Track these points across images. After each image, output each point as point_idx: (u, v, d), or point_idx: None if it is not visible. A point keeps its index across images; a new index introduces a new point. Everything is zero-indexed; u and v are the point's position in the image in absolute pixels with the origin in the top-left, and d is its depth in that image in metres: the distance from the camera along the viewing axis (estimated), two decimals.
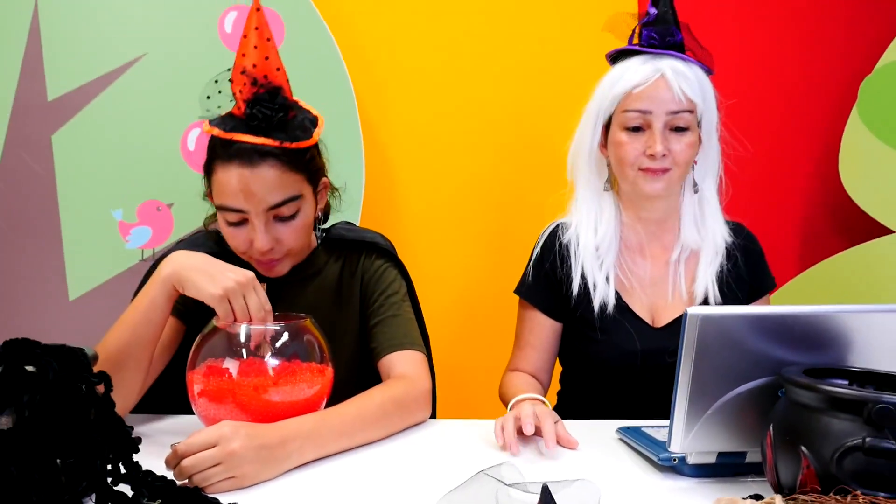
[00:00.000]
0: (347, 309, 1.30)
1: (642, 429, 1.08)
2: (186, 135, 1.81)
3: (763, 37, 1.99)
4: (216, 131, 1.14)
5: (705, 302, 1.31)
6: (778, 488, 0.77)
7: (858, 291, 1.89)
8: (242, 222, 1.15)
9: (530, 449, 1.05)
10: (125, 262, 1.83)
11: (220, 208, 1.16)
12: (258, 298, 1.05)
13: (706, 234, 1.35)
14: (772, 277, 1.40)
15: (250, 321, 1.04)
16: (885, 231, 1.88)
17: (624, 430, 1.09)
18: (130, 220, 1.83)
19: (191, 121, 1.81)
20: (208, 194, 1.21)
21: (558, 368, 1.45)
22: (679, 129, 1.25)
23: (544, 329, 1.37)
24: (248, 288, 1.04)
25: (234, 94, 1.15)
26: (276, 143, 1.12)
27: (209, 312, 1.09)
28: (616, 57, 1.32)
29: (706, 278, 1.32)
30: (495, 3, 1.95)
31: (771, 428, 0.79)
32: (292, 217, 1.17)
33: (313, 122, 1.19)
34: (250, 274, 1.06)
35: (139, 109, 1.80)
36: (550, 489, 0.55)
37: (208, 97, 1.78)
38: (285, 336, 1.07)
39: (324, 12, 1.83)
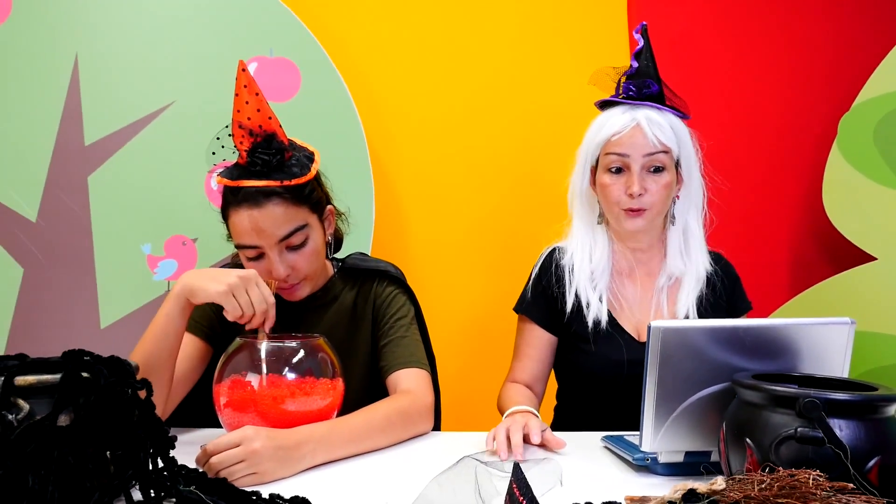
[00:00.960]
0: (360, 330, 1.42)
1: (624, 437, 1.18)
2: (210, 176, 1.93)
3: (749, 79, 2.12)
4: (225, 181, 1.26)
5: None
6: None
7: (844, 314, 1.96)
8: (259, 256, 1.27)
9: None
10: (153, 293, 1.94)
11: (239, 247, 1.28)
12: (260, 291, 1.16)
13: (690, 263, 1.45)
14: (747, 301, 1.50)
15: (254, 314, 1.15)
16: (868, 258, 1.97)
17: (608, 438, 1.19)
18: (158, 253, 1.94)
19: (214, 163, 1.94)
20: (229, 236, 1.32)
21: (554, 386, 1.55)
22: (657, 170, 1.38)
23: (541, 341, 1.48)
24: (250, 283, 1.15)
25: (235, 146, 1.26)
26: (277, 183, 1.24)
27: (233, 335, 1.21)
28: (603, 105, 1.45)
29: (687, 302, 1.42)
30: (501, 53, 2.09)
31: (724, 425, 0.89)
32: (302, 245, 1.28)
33: (310, 157, 1.31)
34: (253, 272, 1.18)
35: (167, 153, 1.92)
36: (521, 466, 0.66)
37: (213, 153, 1.93)
38: (301, 353, 1.19)
39: (336, 61, 1.97)
